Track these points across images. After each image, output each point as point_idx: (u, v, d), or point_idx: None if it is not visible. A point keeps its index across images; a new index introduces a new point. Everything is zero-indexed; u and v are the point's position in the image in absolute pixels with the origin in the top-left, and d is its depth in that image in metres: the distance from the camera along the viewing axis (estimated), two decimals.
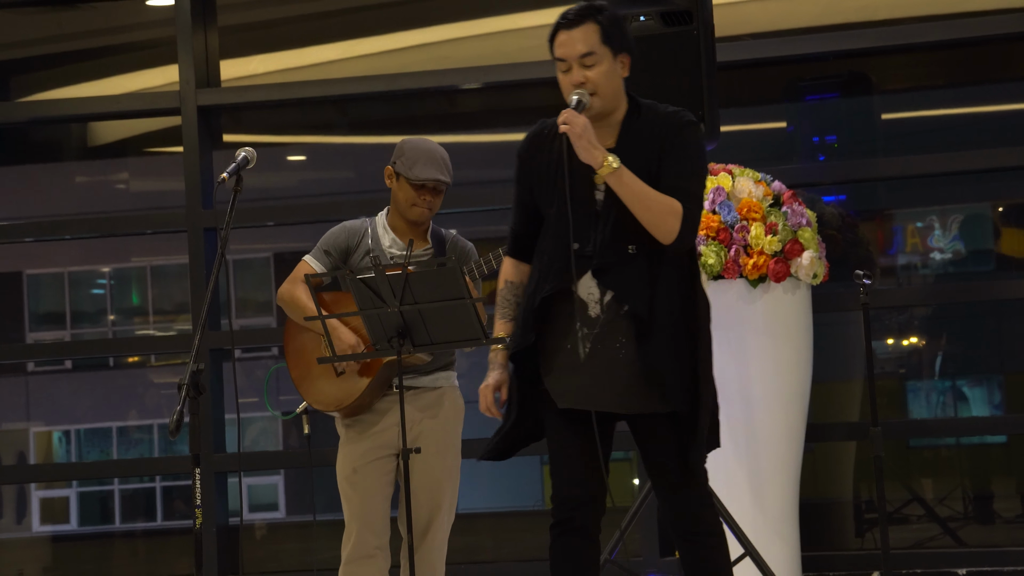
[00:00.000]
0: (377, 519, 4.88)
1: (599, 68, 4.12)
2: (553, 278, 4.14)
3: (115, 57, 8.65)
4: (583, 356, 4.13)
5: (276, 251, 14.45)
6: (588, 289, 4.14)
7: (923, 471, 8.00)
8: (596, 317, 4.13)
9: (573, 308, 4.13)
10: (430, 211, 4.91)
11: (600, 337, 4.12)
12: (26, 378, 16.10)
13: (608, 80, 4.13)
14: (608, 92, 4.13)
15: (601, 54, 4.12)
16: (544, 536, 4.30)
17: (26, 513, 15.08)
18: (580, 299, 4.14)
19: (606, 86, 4.13)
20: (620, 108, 4.19)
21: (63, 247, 13.00)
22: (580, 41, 4.12)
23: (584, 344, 4.13)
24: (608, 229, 4.10)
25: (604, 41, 4.13)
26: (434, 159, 4.87)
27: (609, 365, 4.10)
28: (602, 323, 4.12)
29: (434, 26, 8.18)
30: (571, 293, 4.13)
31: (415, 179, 4.84)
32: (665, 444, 4.14)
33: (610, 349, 4.11)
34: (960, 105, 8.05)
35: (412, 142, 4.92)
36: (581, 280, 4.14)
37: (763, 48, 7.36)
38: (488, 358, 4.28)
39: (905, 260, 8.00)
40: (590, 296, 4.13)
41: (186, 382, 3.93)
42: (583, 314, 4.14)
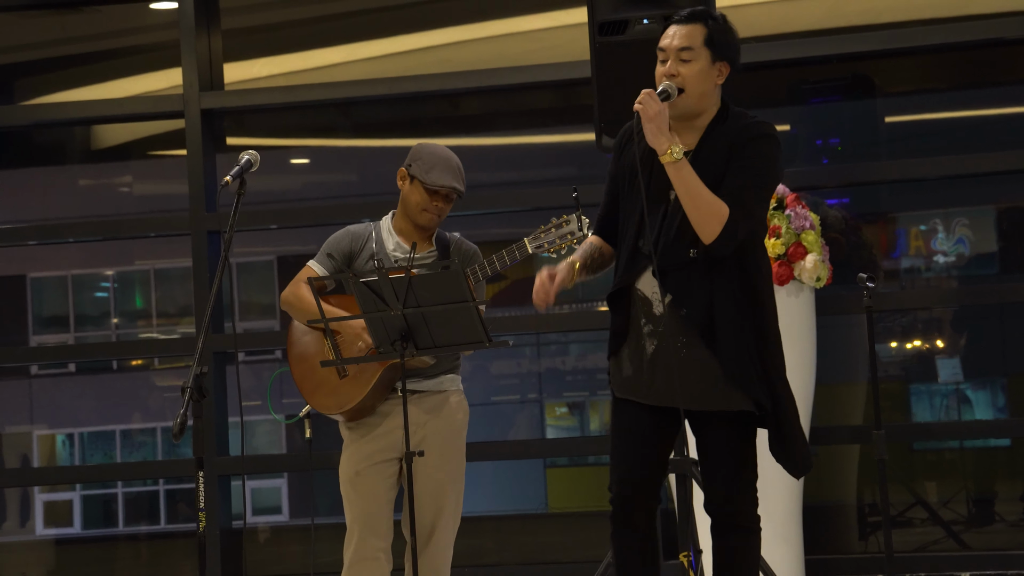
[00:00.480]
0: (380, 522, 4.87)
1: (693, 66, 4.19)
2: (620, 275, 4.25)
3: (119, 60, 8.66)
4: (649, 353, 4.21)
5: (280, 254, 14.45)
6: (652, 288, 4.21)
7: (927, 474, 8.00)
8: (660, 316, 4.20)
9: (639, 305, 4.23)
10: (439, 218, 4.91)
11: (663, 335, 4.19)
12: (29, 381, 16.11)
13: (699, 80, 4.19)
14: (696, 91, 4.19)
15: (699, 54, 4.20)
16: (546, 538, 4.32)
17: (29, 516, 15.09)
18: (644, 296, 4.23)
19: (695, 85, 4.19)
20: (708, 113, 4.25)
21: (66, 250, 13.01)
22: (684, 36, 4.21)
23: (650, 341, 4.21)
24: (672, 231, 4.17)
25: (706, 43, 4.20)
26: (451, 167, 4.88)
27: (673, 364, 4.17)
28: (665, 322, 4.18)
29: (437, 29, 8.18)
30: (635, 289, 4.23)
31: (431, 184, 4.84)
32: (717, 441, 4.21)
33: (672, 348, 4.18)
34: (963, 108, 8.05)
35: (429, 147, 4.92)
36: (644, 277, 4.22)
37: (766, 51, 7.36)
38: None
39: (908, 263, 8.00)
40: (654, 295, 4.22)
41: (189, 385, 3.93)
42: (648, 311, 4.23)
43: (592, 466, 12.43)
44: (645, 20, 5.54)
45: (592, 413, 14.81)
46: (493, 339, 4.41)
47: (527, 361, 14.58)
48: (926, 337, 8.10)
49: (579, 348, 14.39)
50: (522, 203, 7.46)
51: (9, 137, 8.60)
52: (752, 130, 4.22)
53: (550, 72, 7.48)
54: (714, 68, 4.22)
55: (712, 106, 4.26)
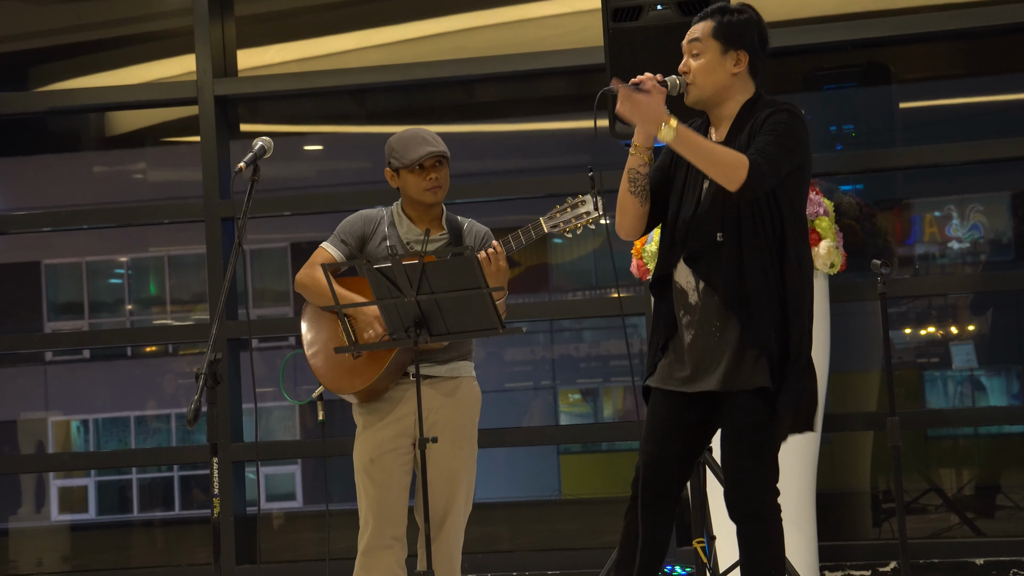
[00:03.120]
0: (394, 509, 4.88)
1: (702, 59, 4.28)
2: (659, 264, 4.33)
3: (133, 47, 8.66)
4: (687, 343, 4.26)
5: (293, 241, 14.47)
6: (687, 277, 4.28)
7: (941, 461, 7.99)
8: (695, 304, 4.25)
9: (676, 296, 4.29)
10: (442, 187, 4.91)
11: (699, 323, 4.24)
12: (44, 368, 16.15)
13: (707, 72, 4.27)
14: (705, 83, 4.27)
15: (707, 46, 4.28)
16: (560, 525, 4.33)
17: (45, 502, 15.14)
18: (680, 287, 4.29)
19: (704, 78, 4.27)
20: (734, 101, 4.31)
21: (81, 237, 13.05)
22: (694, 31, 4.31)
23: (689, 331, 4.26)
24: (698, 219, 4.23)
25: (715, 35, 4.27)
26: (422, 137, 4.92)
27: (709, 347, 4.22)
28: (700, 309, 4.23)
29: (451, 15, 8.17)
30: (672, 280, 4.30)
31: (414, 162, 4.86)
32: (739, 423, 4.22)
33: (708, 333, 4.23)
34: (979, 94, 8.02)
35: (394, 137, 4.97)
36: (679, 266, 4.30)
37: (781, 37, 7.33)
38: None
39: (923, 249, 7.99)
40: (688, 284, 4.27)
41: (204, 372, 3.94)
42: (684, 301, 4.29)
43: (605, 453, 12.43)
44: (659, 6, 5.53)
45: (606, 400, 14.82)
46: (507, 326, 4.41)
47: (541, 348, 14.59)
48: (940, 324, 8.09)
49: (593, 335, 14.40)
50: (536, 190, 7.45)
51: (24, 124, 8.62)
52: (775, 105, 4.29)
53: (564, 58, 7.48)
54: (727, 58, 4.28)
55: (738, 95, 4.32)
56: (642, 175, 4.30)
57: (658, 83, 4.19)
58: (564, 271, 12.74)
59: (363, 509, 4.91)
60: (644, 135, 4.25)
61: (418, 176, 4.89)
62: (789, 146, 4.21)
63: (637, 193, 4.30)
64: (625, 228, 4.36)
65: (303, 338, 4.98)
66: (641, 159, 4.28)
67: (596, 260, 12.53)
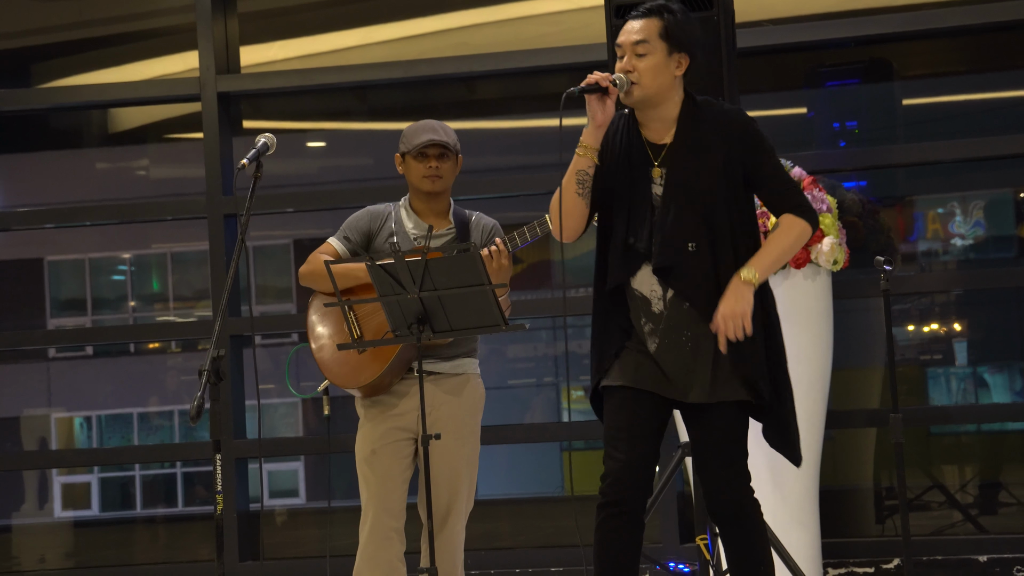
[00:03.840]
0: (394, 502, 4.88)
1: (648, 60, 4.23)
2: (614, 273, 4.26)
3: (135, 44, 8.66)
4: (652, 352, 4.22)
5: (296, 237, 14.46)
6: (650, 286, 4.23)
7: (944, 458, 7.98)
8: (660, 313, 4.22)
9: (635, 304, 4.24)
10: (441, 178, 4.92)
11: (666, 332, 4.21)
12: (47, 364, 16.15)
13: (654, 74, 4.23)
14: (651, 84, 4.23)
15: (654, 47, 4.23)
16: (563, 522, 4.32)
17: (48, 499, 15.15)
18: (641, 295, 4.24)
19: (650, 79, 4.23)
20: (672, 103, 4.28)
21: (84, 233, 13.04)
22: (638, 31, 4.25)
23: (652, 339, 4.22)
24: (667, 228, 4.18)
25: (662, 36, 4.23)
26: (429, 126, 4.96)
27: (681, 357, 4.19)
28: (666, 318, 4.20)
29: (453, 12, 8.17)
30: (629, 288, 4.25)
31: (415, 148, 4.89)
32: (719, 431, 4.22)
33: (677, 342, 4.20)
34: (981, 91, 8.02)
35: (410, 125, 5.00)
36: (639, 274, 4.24)
37: (784, 34, 7.34)
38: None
39: (926, 246, 7.98)
40: (653, 293, 4.23)
41: (206, 368, 3.94)
42: (646, 310, 4.24)
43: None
44: None
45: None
46: (509, 322, 4.41)
47: (543, 345, 14.58)
48: (943, 321, 8.08)
49: None
50: (537, 187, 7.45)
51: (26, 121, 8.62)
52: (741, 117, 4.28)
53: (566, 55, 7.47)
54: (671, 60, 4.25)
55: (675, 97, 4.29)
56: (589, 176, 4.26)
57: (610, 81, 4.18)
58: (567, 268, 12.74)
59: (364, 500, 4.92)
60: (594, 136, 4.23)
61: (420, 163, 4.92)
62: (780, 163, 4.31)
63: (584, 195, 4.25)
64: (569, 231, 4.30)
65: (308, 333, 4.99)
66: (590, 160, 4.24)
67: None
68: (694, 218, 4.17)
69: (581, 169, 4.25)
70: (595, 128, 4.23)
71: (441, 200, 4.99)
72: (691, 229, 4.17)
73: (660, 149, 4.27)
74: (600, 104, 4.20)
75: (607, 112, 4.21)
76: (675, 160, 4.22)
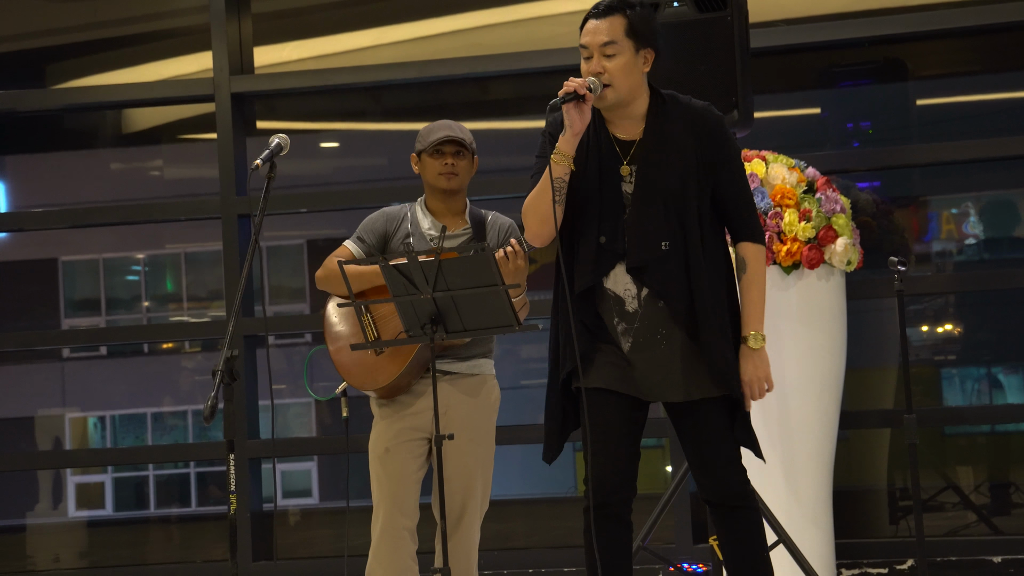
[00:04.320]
0: (407, 501, 4.88)
1: (618, 60, 4.19)
2: (587, 273, 4.21)
3: (149, 44, 8.68)
4: (626, 350, 4.20)
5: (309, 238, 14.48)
6: (624, 285, 4.20)
7: (958, 459, 7.97)
8: (634, 312, 4.19)
9: (608, 303, 4.20)
10: (457, 175, 4.93)
11: (640, 331, 4.19)
12: (61, 364, 16.18)
13: (625, 73, 4.19)
14: (623, 85, 4.19)
15: (623, 46, 4.19)
16: (576, 522, 4.31)
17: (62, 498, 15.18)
18: (615, 294, 4.21)
19: (622, 79, 4.18)
20: (641, 100, 4.24)
21: (98, 234, 13.07)
22: (604, 32, 4.19)
23: (626, 339, 4.20)
24: (639, 226, 4.15)
25: (628, 34, 4.19)
26: (445, 125, 4.97)
27: (656, 356, 4.18)
28: (640, 317, 4.18)
29: (466, 13, 8.17)
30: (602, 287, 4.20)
31: (430, 145, 4.91)
32: (712, 427, 4.22)
33: (652, 341, 4.18)
34: (996, 91, 8.00)
35: (425, 126, 5.02)
36: (612, 274, 4.21)
37: (797, 34, 7.33)
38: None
39: (940, 247, 7.97)
40: (627, 292, 4.19)
41: (220, 368, 3.95)
42: (620, 309, 4.21)
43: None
44: (675, 3, 5.52)
45: None
46: (523, 323, 4.41)
47: None
48: (957, 321, 8.07)
49: None
50: None
51: (40, 121, 8.64)
52: (711, 116, 4.25)
53: (578, 56, 7.45)
54: (639, 57, 4.21)
55: (643, 93, 4.25)
56: (566, 183, 4.20)
57: (586, 88, 4.13)
58: None
59: (377, 499, 4.92)
60: (572, 144, 4.17)
61: (435, 160, 4.93)
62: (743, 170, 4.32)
63: (561, 201, 4.20)
64: (543, 237, 4.24)
65: (326, 334, 4.99)
66: (566, 168, 4.19)
67: None
68: (666, 216, 4.15)
69: (558, 176, 4.19)
70: (572, 136, 4.17)
71: (457, 199, 4.99)
72: (663, 227, 4.15)
73: (629, 146, 4.23)
74: (578, 111, 4.14)
75: (584, 119, 4.15)
76: (645, 157, 4.19)
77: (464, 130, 4.99)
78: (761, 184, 6.24)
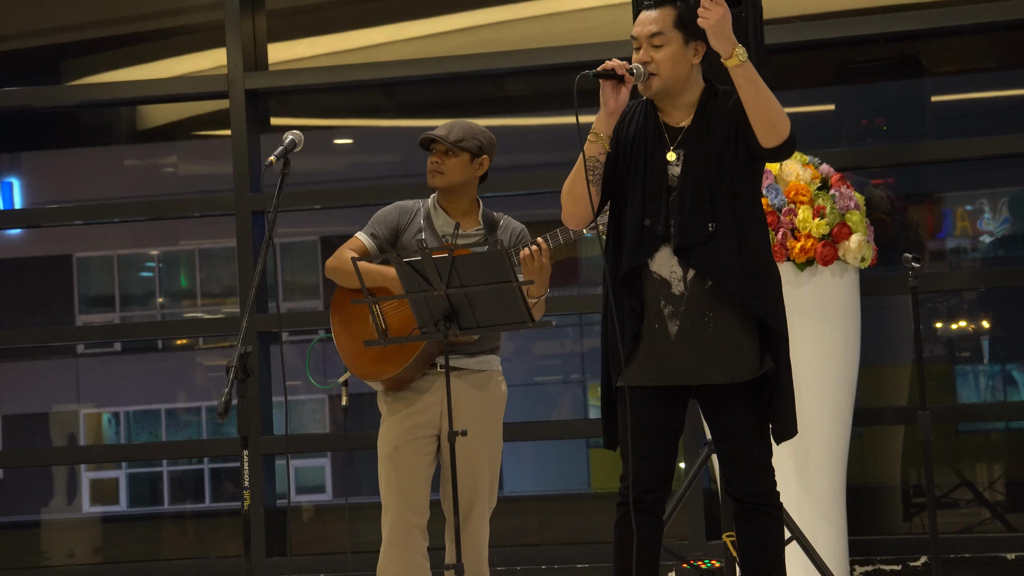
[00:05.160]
0: (417, 498, 4.89)
1: (665, 50, 4.23)
2: (630, 255, 4.23)
3: (164, 41, 8.69)
4: (673, 335, 4.21)
5: (323, 234, 14.51)
6: (670, 268, 4.22)
7: (972, 455, 7.96)
8: (680, 294, 4.21)
9: (654, 286, 4.22)
10: (442, 173, 4.92)
11: (687, 313, 4.20)
12: (76, 360, 16.23)
13: (672, 63, 4.23)
14: (669, 75, 4.24)
15: (670, 37, 4.23)
16: (589, 518, 4.32)
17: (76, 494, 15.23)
18: (660, 277, 4.23)
19: (669, 69, 4.23)
20: (692, 91, 4.29)
21: (112, 230, 13.11)
22: (653, 22, 4.25)
23: (673, 322, 4.21)
24: (686, 208, 4.18)
25: (677, 25, 4.24)
26: (445, 124, 4.97)
27: (703, 339, 4.19)
28: (687, 299, 4.20)
29: (481, 9, 8.17)
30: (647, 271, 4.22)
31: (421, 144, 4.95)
32: (747, 422, 4.23)
33: (699, 323, 4.20)
34: (1011, 87, 7.98)
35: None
36: (657, 257, 4.23)
37: (812, 30, 7.32)
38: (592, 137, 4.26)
39: (954, 243, 7.95)
40: (673, 275, 4.21)
41: (234, 365, 3.95)
42: (666, 292, 4.23)
43: None
44: None
45: None
46: (536, 319, 4.41)
47: (570, 342, 14.59)
48: (972, 318, 8.05)
49: None
50: None
51: (56, 118, 8.66)
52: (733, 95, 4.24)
53: (594, 52, 7.45)
54: (688, 48, 4.25)
55: (695, 84, 4.29)
56: (600, 163, 4.26)
57: (627, 71, 4.18)
58: (593, 265, 12.73)
59: (386, 496, 4.92)
60: (606, 123, 4.23)
61: (429, 159, 4.96)
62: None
63: (595, 182, 4.25)
64: (577, 217, 4.30)
65: (333, 325, 4.99)
66: (602, 147, 4.24)
67: None
68: (711, 199, 4.19)
69: (592, 156, 4.25)
70: (607, 115, 4.24)
71: (458, 198, 4.98)
72: (709, 210, 4.18)
73: (677, 132, 4.28)
74: (614, 91, 4.21)
75: (620, 100, 4.22)
76: (692, 143, 4.23)
77: (457, 129, 4.97)
78: (775, 181, 6.24)
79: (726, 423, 4.26)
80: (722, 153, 4.21)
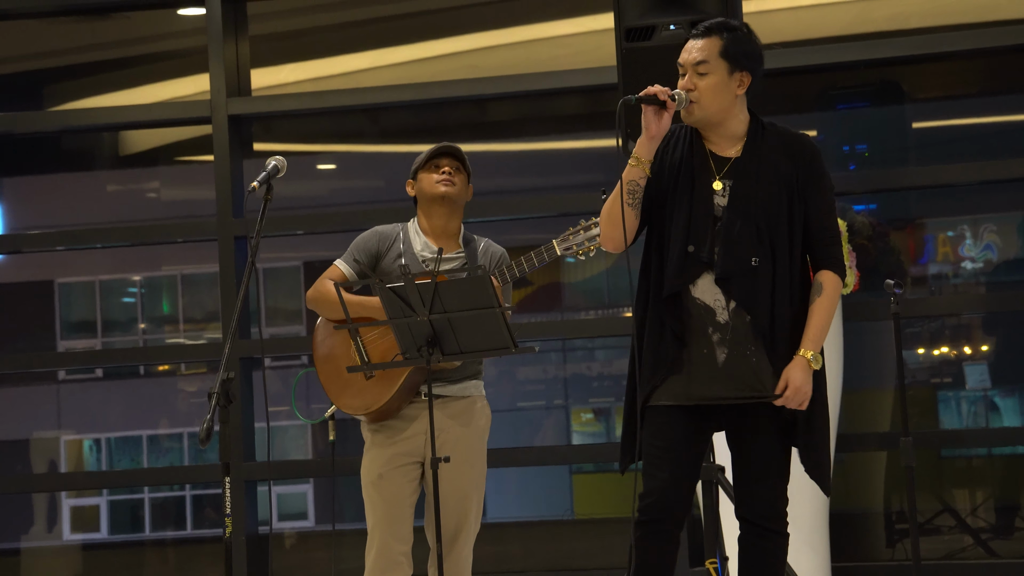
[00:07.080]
0: (402, 526, 4.87)
1: (709, 79, 4.25)
2: (673, 279, 4.25)
3: (147, 66, 8.69)
4: (721, 362, 4.22)
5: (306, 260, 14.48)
6: (714, 296, 4.23)
7: (955, 481, 7.96)
8: (725, 323, 4.22)
9: (699, 312, 4.23)
10: (455, 184, 4.92)
11: (733, 343, 4.22)
12: (57, 386, 16.16)
13: (714, 93, 4.25)
14: (711, 104, 4.25)
15: (715, 66, 4.25)
16: (572, 544, 4.31)
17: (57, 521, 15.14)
18: (705, 304, 4.24)
19: (710, 98, 4.25)
20: (737, 121, 4.30)
21: (94, 255, 13.06)
22: (699, 51, 4.27)
23: (720, 349, 4.23)
24: (731, 239, 4.20)
25: (722, 55, 4.26)
26: (439, 145, 4.96)
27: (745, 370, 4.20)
28: (732, 329, 4.21)
29: (464, 35, 8.19)
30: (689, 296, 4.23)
31: (427, 158, 4.95)
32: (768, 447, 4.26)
33: (743, 357, 4.21)
34: (992, 114, 8.02)
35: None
36: (699, 283, 4.24)
37: (794, 57, 7.35)
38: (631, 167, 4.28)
39: (936, 269, 7.97)
40: (716, 303, 4.23)
41: (216, 391, 3.94)
42: (712, 319, 4.24)
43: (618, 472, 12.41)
44: (672, 26, 5.53)
45: (618, 419, 14.79)
46: (519, 345, 4.41)
47: (553, 367, 14.58)
48: (954, 343, 8.07)
49: (605, 354, 14.38)
50: (549, 208, 7.45)
51: (38, 143, 8.64)
52: (809, 146, 4.34)
53: (577, 78, 7.48)
54: (732, 79, 4.27)
55: (739, 114, 4.31)
56: (640, 187, 4.26)
57: (669, 96, 4.20)
58: (577, 290, 12.73)
59: (371, 524, 4.91)
60: (647, 148, 4.24)
61: (432, 172, 4.93)
62: (834, 205, 4.40)
63: (634, 205, 4.25)
64: (616, 240, 4.29)
65: (315, 358, 4.98)
66: (642, 171, 4.24)
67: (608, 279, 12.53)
68: (757, 233, 4.20)
69: (632, 180, 4.25)
70: (648, 140, 4.23)
71: (453, 217, 4.98)
72: (755, 243, 4.20)
73: (724, 162, 4.29)
74: (656, 117, 4.20)
75: (662, 126, 4.21)
76: (742, 174, 4.25)
77: (457, 148, 5.01)
78: None
79: (753, 447, 4.27)
80: (776, 192, 4.23)
